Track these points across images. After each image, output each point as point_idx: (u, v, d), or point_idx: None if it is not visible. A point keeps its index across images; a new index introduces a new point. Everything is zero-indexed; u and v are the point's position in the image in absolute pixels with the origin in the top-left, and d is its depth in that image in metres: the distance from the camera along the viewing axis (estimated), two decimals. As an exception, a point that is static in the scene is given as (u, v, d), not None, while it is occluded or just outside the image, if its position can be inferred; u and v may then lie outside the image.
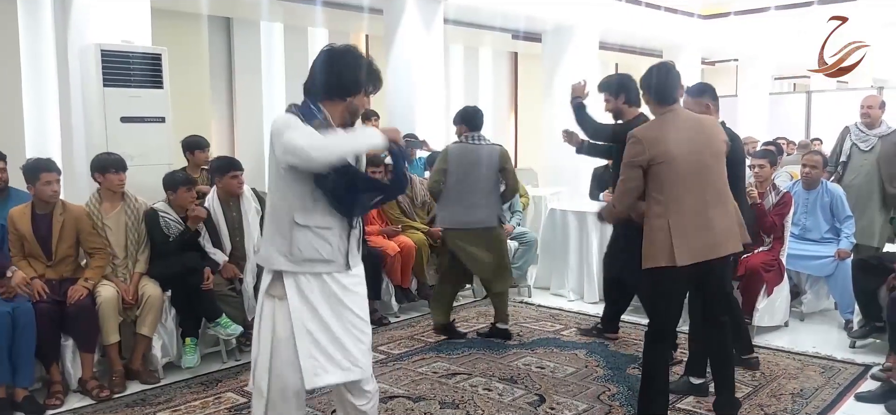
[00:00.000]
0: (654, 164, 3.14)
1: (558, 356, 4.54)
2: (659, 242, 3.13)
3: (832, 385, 4.01)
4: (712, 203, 3.17)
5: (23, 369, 3.71)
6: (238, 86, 8.11)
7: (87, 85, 5.06)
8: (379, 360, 4.51)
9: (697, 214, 3.13)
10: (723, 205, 3.22)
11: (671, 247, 3.08)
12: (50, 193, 4.01)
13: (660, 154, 3.13)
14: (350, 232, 2.63)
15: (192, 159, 5.49)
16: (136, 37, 5.18)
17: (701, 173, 3.16)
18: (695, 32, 11.04)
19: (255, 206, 4.71)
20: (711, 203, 3.17)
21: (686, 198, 3.13)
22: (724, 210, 3.22)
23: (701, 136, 3.23)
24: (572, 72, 8.95)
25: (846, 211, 5.14)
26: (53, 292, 3.95)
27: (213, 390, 4.06)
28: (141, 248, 4.33)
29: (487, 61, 11.12)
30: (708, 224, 3.14)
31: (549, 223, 6.35)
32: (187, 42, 7.39)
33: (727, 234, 3.21)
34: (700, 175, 3.16)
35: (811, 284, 5.33)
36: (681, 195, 3.13)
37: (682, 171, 3.13)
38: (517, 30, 9.49)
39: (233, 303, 4.46)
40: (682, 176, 3.13)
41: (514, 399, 3.84)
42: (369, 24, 8.57)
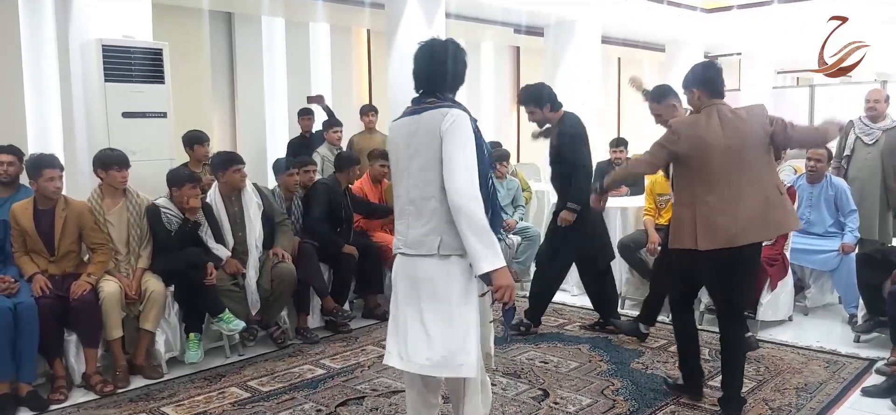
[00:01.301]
0: (689, 154, 3.30)
1: (562, 351, 4.53)
2: (686, 227, 3.32)
3: (837, 379, 3.99)
4: (747, 193, 3.27)
5: (26, 365, 3.72)
6: (239, 81, 8.09)
7: (88, 80, 5.04)
8: (382, 355, 4.48)
9: (728, 203, 3.25)
10: (757, 194, 3.29)
11: (695, 233, 3.28)
12: (53, 189, 4.01)
13: (694, 146, 3.29)
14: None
15: (193, 154, 5.49)
16: (137, 32, 5.16)
17: (739, 163, 3.27)
18: (697, 26, 11.00)
19: (256, 200, 4.71)
20: (745, 193, 3.26)
21: (719, 187, 3.26)
22: (756, 199, 3.28)
23: (745, 127, 3.32)
24: (575, 66, 8.95)
25: (850, 205, 5.11)
26: (56, 288, 3.94)
27: (217, 384, 4.05)
28: (143, 243, 4.32)
29: (489, 56, 11.09)
30: (734, 213, 3.24)
31: (553, 218, 6.31)
32: (188, 37, 7.37)
33: (750, 223, 3.26)
34: (738, 165, 3.27)
35: (815, 278, 5.31)
36: (713, 184, 3.26)
37: (718, 161, 3.26)
38: (519, 24, 9.46)
39: (235, 298, 4.46)
40: (717, 166, 3.26)
41: (518, 394, 3.83)
42: (371, 19, 8.55)
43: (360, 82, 9.22)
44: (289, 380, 4.09)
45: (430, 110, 2.55)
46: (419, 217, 2.56)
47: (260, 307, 4.61)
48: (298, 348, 4.67)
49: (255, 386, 4.01)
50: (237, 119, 8.16)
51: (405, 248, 2.62)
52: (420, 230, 2.55)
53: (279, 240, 4.78)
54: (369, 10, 7.78)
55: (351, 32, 9.11)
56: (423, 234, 2.54)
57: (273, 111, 8.37)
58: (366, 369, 4.24)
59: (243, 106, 8.13)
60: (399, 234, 2.66)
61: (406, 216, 2.61)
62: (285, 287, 4.61)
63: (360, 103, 8.85)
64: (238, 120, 8.16)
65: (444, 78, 2.63)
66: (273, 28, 8.36)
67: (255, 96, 8.24)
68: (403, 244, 2.62)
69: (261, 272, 4.60)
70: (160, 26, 5.52)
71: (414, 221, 2.57)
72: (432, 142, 2.49)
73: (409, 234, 2.59)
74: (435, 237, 2.51)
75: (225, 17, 7.97)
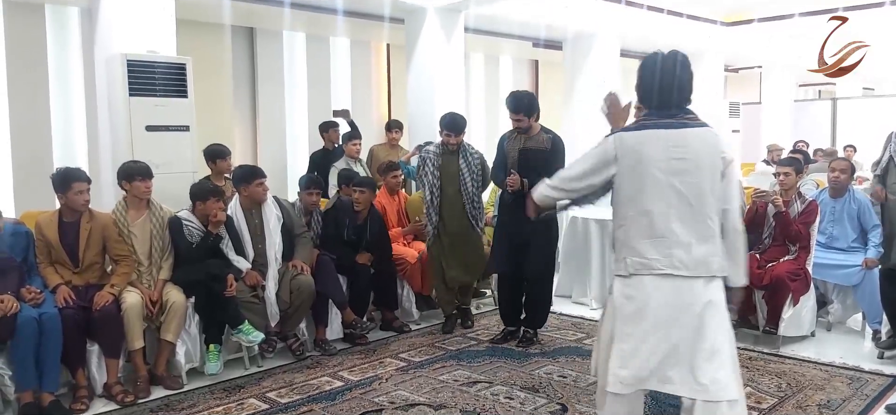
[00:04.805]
0: None
1: (581, 365, 4.51)
2: None
3: (860, 396, 3.93)
4: None
5: (49, 374, 3.77)
6: (261, 94, 8.19)
7: (113, 94, 5.14)
8: (399, 367, 4.51)
9: None
10: None
11: None
12: (82, 203, 4.08)
13: None
14: None
15: (215, 168, 5.55)
16: (161, 47, 5.25)
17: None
18: (718, 39, 10.95)
19: (276, 213, 4.75)
20: None
21: None
22: None
23: None
24: (593, 79, 8.94)
25: (874, 220, 5.03)
26: (80, 299, 4.00)
27: (236, 395, 4.08)
28: (165, 255, 4.38)
29: (508, 69, 11.12)
30: None
31: (571, 231, 6.31)
32: (211, 52, 7.47)
33: None
34: None
35: (838, 293, 5.23)
36: None
37: None
38: (538, 38, 9.48)
39: (255, 310, 4.49)
40: None
41: (536, 408, 3.82)
42: (390, 34, 8.62)
43: (380, 96, 9.28)
44: (307, 392, 4.11)
45: (695, 127, 2.58)
46: (696, 236, 2.55)
47: (279, 319, 4.64)
48: (317, 359, 4.70)
49: (273, 398, 4.03)
50: (258, 133, 8.25)
51: (683, 270, 2.55)
52: (702, 250, 2.54)
53: (298, 252, 4.82)
54: (389, 25, 7.85)
55: (371, 47, 9.19)
56: (706, 254, 2.55)
57: (293, 125, 8.45)
58: (384, 382, 4.25)
59: (264, 120, 8.22)
60: (667, 254, 2.56)
61: (672, 235, 2.55)
62: (304, 299, 4.64)
63: (380, 117, 8.92)
64: (259, 133, 8.25)
65: (690, 90, 2.64)
66: (294, 43, 8.46)
67: (277, 110, 8.33)
68: (680, 265, 2.55)
69: (280, 284, 4.63)
70: (184, 41, 5.62)
71: (694, 240, 2.54)
72: (713, 162, 2.54)
73: (691, 253, 2.54)
74: (714, 259, 2.56)
75: (247, 32, 8.08)
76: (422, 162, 5.15)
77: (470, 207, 5.10)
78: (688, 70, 2.65)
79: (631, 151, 2.59)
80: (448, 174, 5.09)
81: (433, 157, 5.12)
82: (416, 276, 5.48)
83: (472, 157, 5.12)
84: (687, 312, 2.56)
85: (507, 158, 4.83)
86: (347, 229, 5.18)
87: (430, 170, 5.09)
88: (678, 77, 2.62)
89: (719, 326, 2.58)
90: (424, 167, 5.12)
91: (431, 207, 5.10)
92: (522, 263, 4.84)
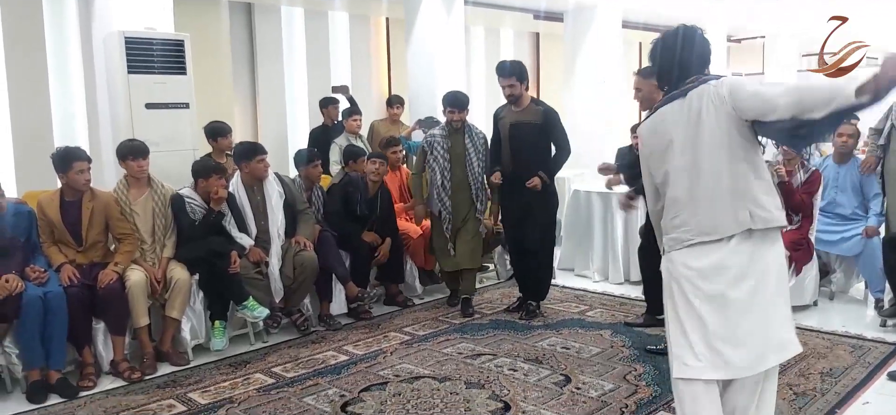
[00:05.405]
0: None
1: (584, 337, 4.53)
2: None
3: (862, 364, 3.95)
4: None
5: (56, 352, 3.79)
6: (260, 71, 8.13)
7: (111, 72, 5.11)
8: (404, 341, 4.54)
9: None
10: None
11: None
12: (83, 182, 4.08)
13: None
14: None
15: (216, 146, 5.54)
16: (158, 24, 5.21)
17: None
18: (720, 9, 10.84)
19: (278, 189, 4.75)
20: None
21: None
22: None
23: None
24: (595, 51, 8.88)
25: (875, 188, 5.02)
26: (84, 277, 4.02)
27: (242, 371, 4.11)
28: (168, 233, 4.38)
29: (509, 42, 11.03)
30: None
31: (573, 205, 6.31)
32: (209, 28, 7.41)
33: None
34: None
35: (840, 262, 5.25)
36: None
37: None
38: (538, 10, 9.39)
39: (259, 286, 4.50)
40: None
41: (540, 379, 3.84)
42: (390, 8, 8.55)
43: (380, 71, 9.22)
44: (312, 366, 4.14)
45: (694, 88, 2.46)
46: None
47: (283, 295, 4.66)
48: (321, 334, 4.72)
49: (279, 372, 4.06)
50: (258, 109, 8.21)
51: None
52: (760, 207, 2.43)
53: (301, 228, 4.82)
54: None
55: (370, 21, 9.11)
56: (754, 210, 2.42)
57: (293, 101, 8.40)
58: (388, 355, 4.27)
59: (264, 96, 8.18)
60: (697, 229, 2.46)
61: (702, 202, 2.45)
62: (307, 275, 4.65)
63: (379, 92, 8.86)
64: (259, 110, 8.21)
65: (704, 60, 2.54)
66: (292, 18, 8.38)
67: (276, 86, 8.27)
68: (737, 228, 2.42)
69: (283, 260, 4.65)
70: (181, 18, 5.57)
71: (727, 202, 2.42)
72: (719, 107, 2.38)
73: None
74: (746, 212, 2.41)
75: (245, 7, 8.00)
76: (429, 147, 5.07)
77: (476, 189, 5.07)
78: (692, 43, 2.55)
79: (655, 134, 2.60)
80: (455, 155, 5.04)
81: (441, 139, 5.04)
82: (419, 251, 5.49)
83: (477, 138, 5.07)
84: (747, 277, 2.51)
85: (501, 134, 4.86)
86: (360, 204, 5.18)
87: (440, 153, 5.01)
88: (686, 50, 2.54)
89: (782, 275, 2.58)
90: (433, 152, 5.03)
91: (443, 190, 5.03)
92: (523, 234, 4.86)
